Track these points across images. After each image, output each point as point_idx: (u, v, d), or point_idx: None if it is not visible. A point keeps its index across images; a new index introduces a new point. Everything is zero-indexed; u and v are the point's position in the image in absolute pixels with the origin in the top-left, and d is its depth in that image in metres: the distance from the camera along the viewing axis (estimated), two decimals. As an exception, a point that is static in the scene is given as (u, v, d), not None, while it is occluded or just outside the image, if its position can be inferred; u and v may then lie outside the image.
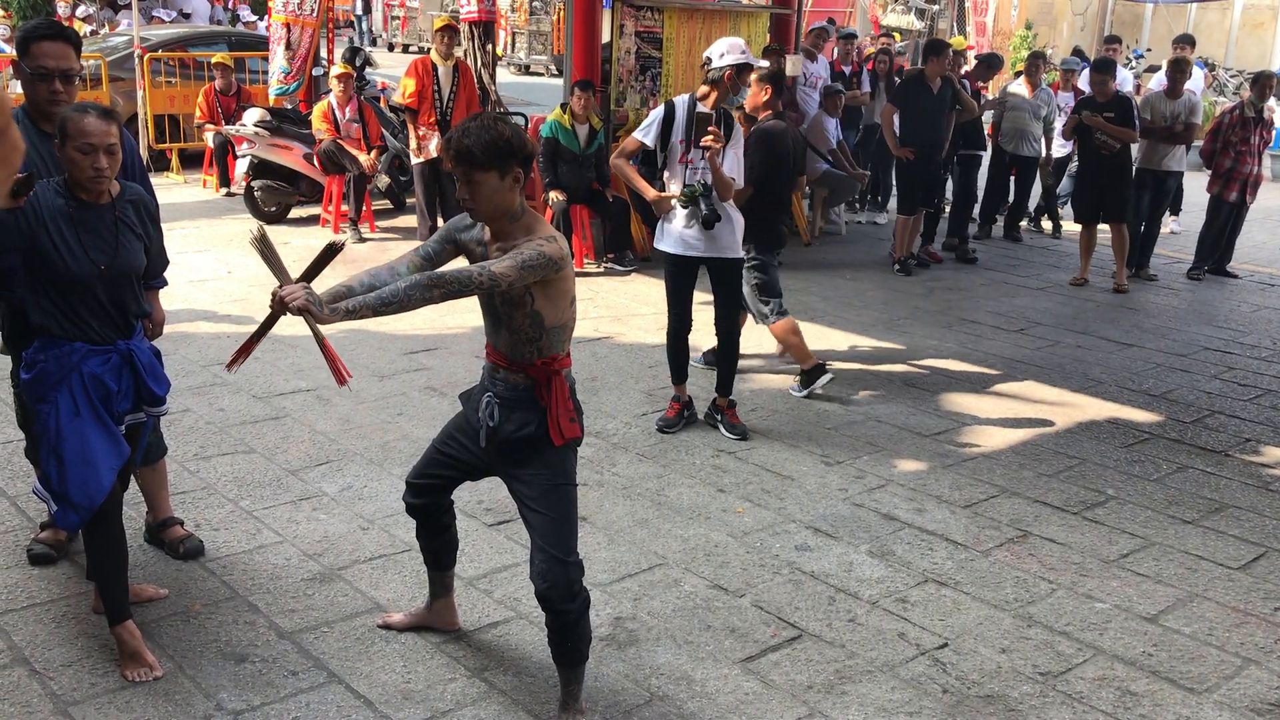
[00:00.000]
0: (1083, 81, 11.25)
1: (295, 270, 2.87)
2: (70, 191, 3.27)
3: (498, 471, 3.23)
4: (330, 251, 2.86)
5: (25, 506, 4.33)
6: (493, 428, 3.10)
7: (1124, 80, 11.89)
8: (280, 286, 2.80)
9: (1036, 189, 11.26)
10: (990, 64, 10.44)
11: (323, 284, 2.88)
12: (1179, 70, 9.39)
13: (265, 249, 2.86)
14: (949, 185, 10.33)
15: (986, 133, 10.70)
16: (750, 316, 6.18)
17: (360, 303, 2.81)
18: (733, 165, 5.30)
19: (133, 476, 3.77)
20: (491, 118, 2.96)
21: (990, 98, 10.82)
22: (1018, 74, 11.68)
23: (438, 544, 3.52)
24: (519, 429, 3.08)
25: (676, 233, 5.35)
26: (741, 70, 5.29)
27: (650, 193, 5.36)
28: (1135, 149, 9.41)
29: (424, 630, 3.63)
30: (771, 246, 5.95)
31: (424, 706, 3.27)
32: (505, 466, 3.17)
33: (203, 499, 4.52)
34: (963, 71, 9.99)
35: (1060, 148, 10.87)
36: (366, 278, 2.99)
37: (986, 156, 10.59)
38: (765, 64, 8.19)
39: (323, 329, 2.92)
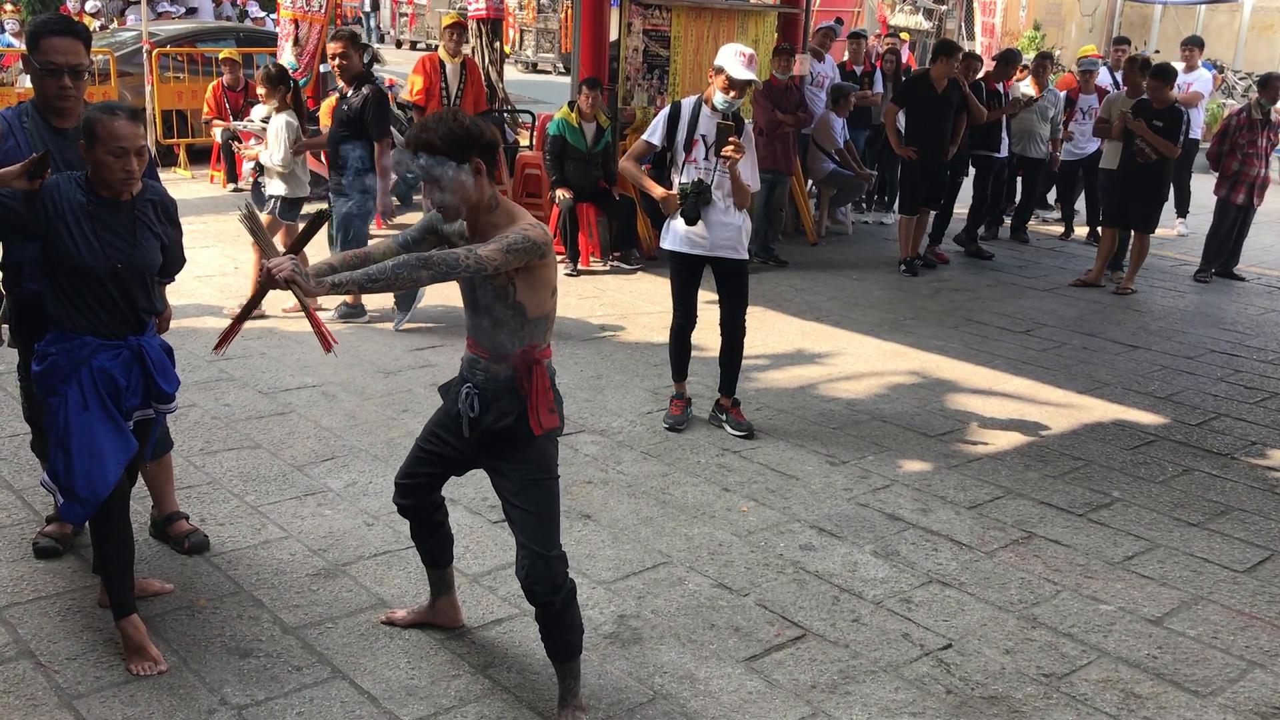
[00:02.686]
0: (1102, 79, 11.22)
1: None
2: (91, 188, 3.28)
3: (481, 463, 3.24)
4: (318, 220, 2.92)
5: (31, 500, 4.34)
6: (473, 418, 3.12)
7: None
8: (268, 259, 2.84)
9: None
10: (1009, 60, 10.26)
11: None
12: (1135, 71, 9.37)
13: (254, 224, 2.90)
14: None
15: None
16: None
17: (347, 277, 2.85)
18: (749, 172, 5.30)
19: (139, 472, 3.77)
20: (450, 111, 3.00)
21: (1014, 97, 10.40)
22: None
23: (432, 542, 3.53)
24: (498, 419, 3.09)
25: (682, 231, 5.36)
26: (734, 83, 5.18)
27: (658, 191, 5.37)
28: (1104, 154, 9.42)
29: (427, 627, 3.63)
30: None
31: (428, 703, 3.27)
32: (487, 459, 3.19)
33: (208, 494, 4.53)
34: (979, 74, 9.88)
35: (1072, 152, 10.79)
36: (345, 258, 3.04)
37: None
38: (754, 79, 8.18)
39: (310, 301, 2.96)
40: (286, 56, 11.42)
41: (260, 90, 6.91)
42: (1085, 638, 3.82)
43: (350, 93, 6.76)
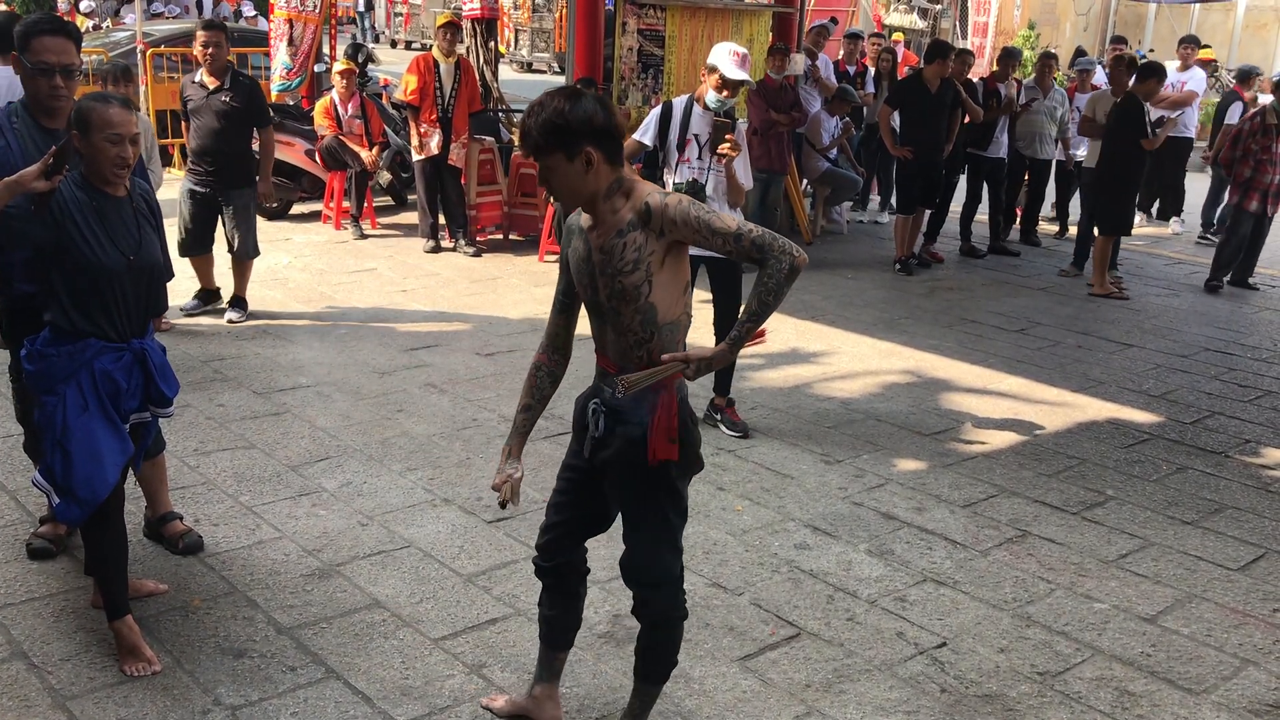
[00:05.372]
0: (1097, 79, 11.20)
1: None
2: (89, 184, 3.26)
3: (606, 488, 2.94)
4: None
5: (25, 501, 4.33)
6: (597, 439, 2.86)
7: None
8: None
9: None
10: (1011, 55, 10.16)
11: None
12: (1121, 70, 9.36)
13: None
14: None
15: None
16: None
17: (746, 327, 2.73)
18: (742, 170, 5.29)
19: (131, 472, 3.75)
20: (564, 93, 2.64)
21: (1008, 97, 10.25)
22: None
23: (563, 613, 3.12)
24: (622, 440, 2.82)
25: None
26: (726, 82, 5.20)
27: (650, 190, 5.35)
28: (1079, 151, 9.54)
29: (422, 625, 3.62)
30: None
31: (422, 703, 3.27)
32: (609, 479, 2.90)
33: (202, 494, 4.52)
34: (976, 74, 9.83)
35: (1075, 151, 10.76)
36: (542, 384, 3.07)
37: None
38: (748, 79, 8.14)
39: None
40: (280, 56, 11.43)
41: (122, 90, 6.09)
42: (1079, 636, 3.83)
43: (227, 83, 6.67)
